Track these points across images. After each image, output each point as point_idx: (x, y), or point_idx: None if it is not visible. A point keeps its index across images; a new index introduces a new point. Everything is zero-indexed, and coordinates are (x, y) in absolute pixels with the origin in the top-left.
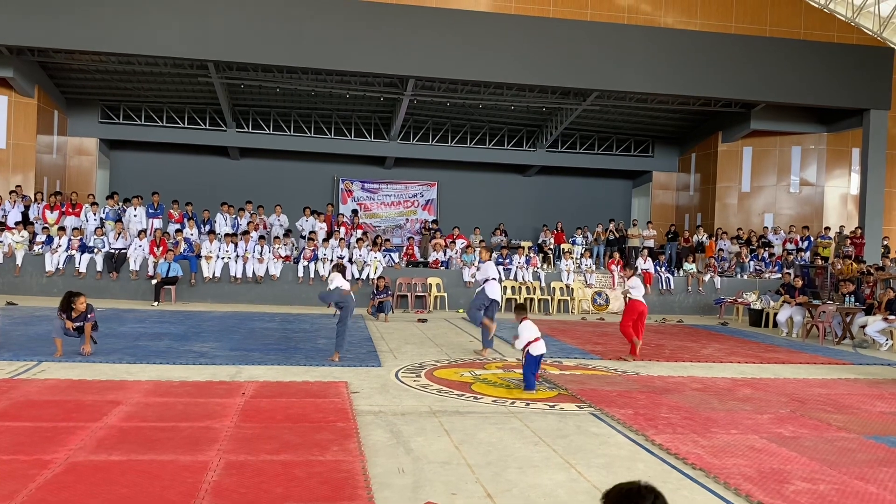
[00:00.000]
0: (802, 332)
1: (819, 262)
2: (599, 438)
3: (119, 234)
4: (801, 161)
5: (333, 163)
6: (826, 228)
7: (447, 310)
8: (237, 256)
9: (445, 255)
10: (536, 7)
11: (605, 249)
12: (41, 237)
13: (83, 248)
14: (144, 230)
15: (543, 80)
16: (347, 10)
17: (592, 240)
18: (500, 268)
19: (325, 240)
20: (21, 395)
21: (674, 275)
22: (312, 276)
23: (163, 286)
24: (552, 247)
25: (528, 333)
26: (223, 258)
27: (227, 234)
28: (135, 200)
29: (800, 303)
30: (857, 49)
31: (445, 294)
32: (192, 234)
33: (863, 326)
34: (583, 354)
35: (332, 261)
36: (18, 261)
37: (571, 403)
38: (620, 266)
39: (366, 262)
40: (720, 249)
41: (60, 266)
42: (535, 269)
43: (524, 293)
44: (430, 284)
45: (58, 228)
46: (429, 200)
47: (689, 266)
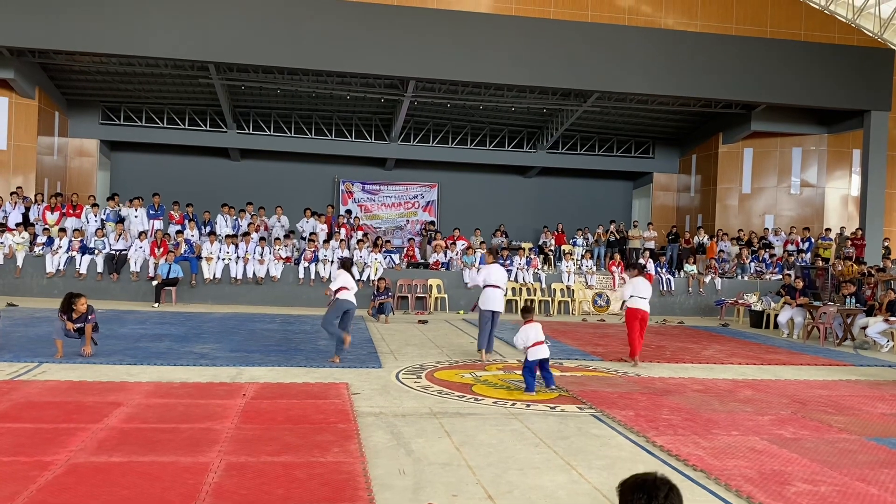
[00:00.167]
0: (803, 334)
1: (820, 264)
2: (600, 440)
3: (120, 236)
4: (802, 162)
5: (334, 164)
6: (827, 230)
7: (448, 311)
8: (238, 258)
9: (446, 257)
10: (537, 8)
11: (606, 251)
12: (42, 238)
13: (84, 250)
14: (145, 231)
15: (544, 82)
16: (348, 12)
17: (593, 241)
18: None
19: (326, 241)
20: (22, 397)
21: (674, 276)
22: (313, 278)
23: (163, 287)
24: (553, 248)
25: (527, 336)
26: (224, 259)
27: (228, 236)
28: (135, 202)
29: (800, 304)
30: (858, 50)
31: (446, 295)
32: (193, 236)
33: (864, 328)
34: (583, 356)
35: (333, 262)
36: (19, 262)
37: (572, 405)
38: (622, 267)
39: (366, 264)
40: (721, 251)
41: (61, 267)
42: (536, 271)
43: (524, 294)
44: (431, 286)
45: (58, 230)
46: (429, 202)
47: (690, 267)
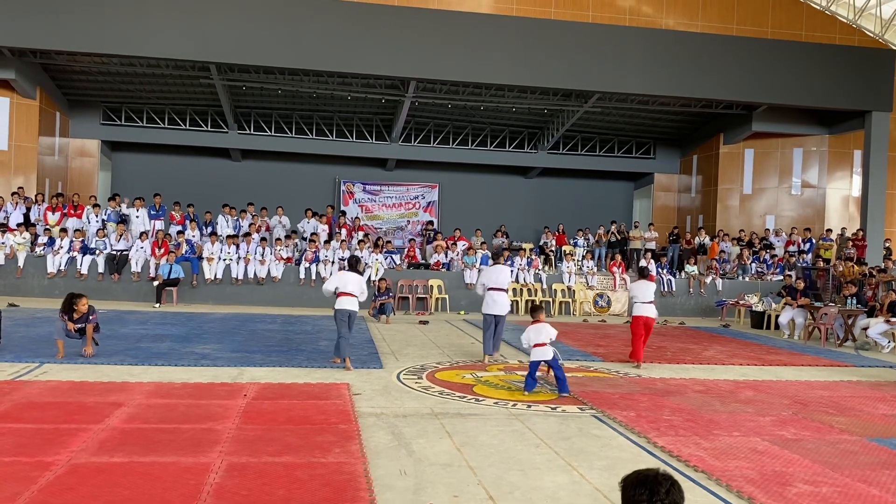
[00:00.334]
0: (804, 335)
1: (821, 265)
2: (601, 441)
3: (121, 236)
4: (803, 163)
5: (335, 164)
6: (828, 230)
7: (448, 312)
8: (239, 258)
9: (447, 257)
10: (538, 9)
11: (607, 251)
12: (43, 239)
13: (85, 250)
14: (146, 232)
15: (545, 82)
16: (349, 12)
17: (594, 242)
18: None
19: (327, 241)
20: (23, 397)
21: (675, 277)
22: (314, 278)
23: (164, 288)
24: (554, 249)
25: (528, 337)
26: (225, 260)
27: (229, 236)
28: (137, 202)
29: (801, 305)
30: (859, 51)
31: (447, 296)
32: (194, 236)
33: (865, 328)
34: (584, 356)
35: (334, 262)
36: (20, 262)
37: (573, 405)
38: (623, 268)
39: (367, 264)
40: (722, 251)
41: (62, 267)
42: (537, 271)
43: (525, 295)
44: (432, 286)
45: (59, 230)
46: (430, 202)
47: (691, 268)
